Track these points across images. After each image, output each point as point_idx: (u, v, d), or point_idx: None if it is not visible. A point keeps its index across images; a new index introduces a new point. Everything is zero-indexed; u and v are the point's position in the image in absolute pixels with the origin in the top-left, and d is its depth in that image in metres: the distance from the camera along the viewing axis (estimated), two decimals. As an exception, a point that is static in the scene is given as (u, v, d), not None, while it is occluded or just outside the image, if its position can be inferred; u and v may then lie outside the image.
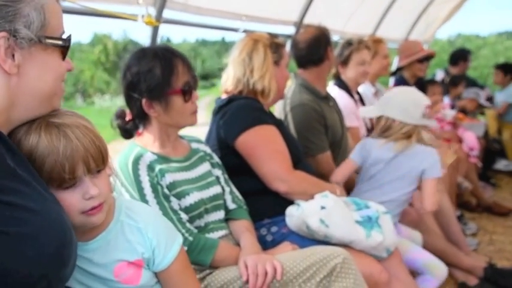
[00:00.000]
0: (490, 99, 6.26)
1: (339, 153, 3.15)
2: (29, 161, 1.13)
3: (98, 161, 1.19)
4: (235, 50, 2.53)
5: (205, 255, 1.87)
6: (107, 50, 30.40)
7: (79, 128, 1.16)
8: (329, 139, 3.05)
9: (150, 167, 1.89)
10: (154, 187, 1.86)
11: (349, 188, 2.81)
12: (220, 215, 2.09)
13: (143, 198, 1.83)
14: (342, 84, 3.64)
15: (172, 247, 1.38)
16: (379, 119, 2.70)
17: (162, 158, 1.96)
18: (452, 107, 5.44)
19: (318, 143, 2.92)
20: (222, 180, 2.19)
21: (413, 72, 4.55)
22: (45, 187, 1.13)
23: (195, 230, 1.91)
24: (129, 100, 1.97)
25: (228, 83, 2.54)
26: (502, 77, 6.60)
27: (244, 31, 3.31)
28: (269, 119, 2.45)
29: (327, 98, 3.21)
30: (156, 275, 1.39)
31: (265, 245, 2.22)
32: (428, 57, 4.49)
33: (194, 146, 2.16)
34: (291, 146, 2.47)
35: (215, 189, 2.09)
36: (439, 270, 2.61)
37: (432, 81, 4.85)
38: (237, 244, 2.03)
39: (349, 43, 3.61)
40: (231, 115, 2.40)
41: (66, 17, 1.25)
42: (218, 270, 1.89)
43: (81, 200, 1.19)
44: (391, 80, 4.99)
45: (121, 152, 1.94)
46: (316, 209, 2.15)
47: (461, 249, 3.30)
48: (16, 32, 1.09)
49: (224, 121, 2.41)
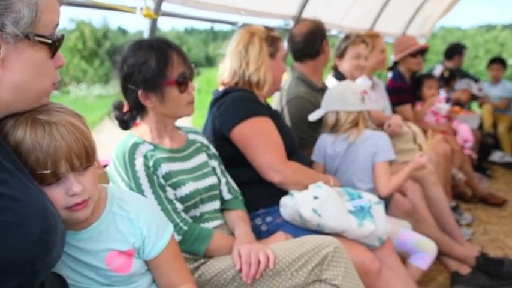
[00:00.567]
0: (481, 90, 6.24)
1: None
2: (14, 153, 1.12)
3: (82, 159, 1.18)
4: (232, 42, 2.52)
5: (200, 245, 1.87)
6: (84, 36, 28.31)
7: (65, 126, 1.15)
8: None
9: (146, 157, 1.88)
10: (150, 177, 1.86)
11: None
12: (215, 205, 2.09)
13: (139, 188, 1.83)
14: (339, 76, 3.63)
15: (163, 236, 1.38)
16: (325, 117, 2.74)
17: (159, 148, 1.96)
18: (448, 100, 5.42)
19: (313, 134, 2.91)
20: (218, 171, 2.18)
21: (408, 66, 4.52)
22: (30, 178, 1.12)
23: (190, 220, 1.91)
24: (126, 91, 1.97)
25: (224, 75, 2.53)
26: (499, 71, 6.56)
27: (243, 25, 3.29)
28: (264, 110, 2.44)
29: (323, 90, 3.19)
30: (146, 263, 1.39)
31: (260, 234, 2.22)
32: (422, 51, 4.47)
33: (191, 137, 2.15)
34: (286, 137, 2.47)
35: (211, 180, 2.08)
36: (430, 246, 2.62)
37: (428, 75, 4.85)
38: (232, 234, 2.03)
39: (347, 37, 3.62)
40: (227, 107, 2.40)
41: (63, 9, 1.23)
42: (212, 260, 1.88)
43: (64, 196, 1.19)
44: (389, 75, 4.97)
45: (118, 143, 1.94)
46: (309, 199, 2.15)
47: (455, 239, 3.29)
48: (2, 27, 1.07)
49: (220, 113, 2.41)
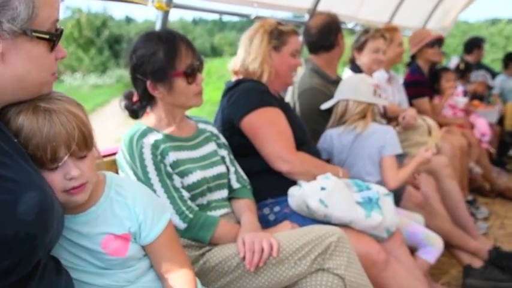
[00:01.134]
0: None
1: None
2: (16, 139, 1.14)
3: (81, 145, 1.21)
4: (245, 33, 2.54)
5: (205, 232, 1.86)
6: (80, 24, 27.45)
7: (64, 114, 1.18)
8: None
9: (154, 146, 1.88)
10: (157, 165, 1.85)
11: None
12: (223, 193, 2.08)
13: (146, 176, 1.83)
14: (356, 69, 3.60)
15: (159, 222, 1.38)
16: (336, 107, 2.75)
17: (167, 137, 1.95)
18: (465, 93, 5.32)
19: (325, 125, 2.87)
20: (227, 160, 2.17)
21: (426, 58, 4.45)
22: (30, 162, 1.14)
23: (196, 208, 1.90)
24: (135, 82, 1.98)
25: (236, 64, 2.55)
26: None
27: (256, 17, 3.26)
28: (274, 101, 2.42)
29: (337, 82, 3.15)
30: (143, 248, 1.40)
31: (268, 224, 2.20)
32: (438, 41, 4.39)
33: (201, 126, 2.15)
34: (296, 128, 2.44)
35: (219, 169, 2.07)
36: (438, 241, 2.59)
37: (445, 69, 4.77)
38: (238, 223, 2.02)
39: (366, 30, 3.59)
40: (238, 97, 2.39)
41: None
42: (217, 247, 1.88)
43: (63, 180, 1.21)
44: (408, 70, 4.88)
45: (127, 131, 1.95)
46: (316, 189, 2.12)
47: (469, 233, 3.22)
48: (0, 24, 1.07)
49: (231, 102, 2.40)
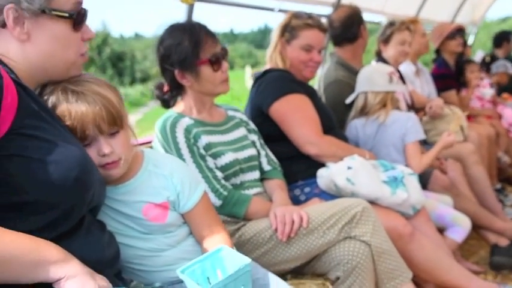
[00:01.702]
0: None
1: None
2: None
3: (110, 123, 1.28)
4: None
5: (239, 208, 1.94)
6: None
7: (92, 95, 1.25)
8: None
9: (187, 130, 1.95)
10: (191, 148, 1.93)
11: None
12: (255, 175, 2.14)
13: (181, 158, 1.90)
14: (383, 61, 3.59)
15: (195, 192, 1.47)
16: (356, 101, 2.81)
17: (199, 122, 2.02)
18: (492, 85, 5.26)
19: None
20: (257, 144, 2.23)
21: (450, 50, 4.43)
22: (67, 130, 1.20)
23: (230, 186, 1.98)
24: (164, 72, 2.04)
25: (267, 55, 2.67)
26: None
27: (280, 10, 3.32)
28: (301, 88, 2.48)
29: (363, 74, 3.20)
30: (182, 216, 1.48)
31: (299, 203, 2.25)
32: (459, 31, 4.38)
33: (230, 113, 2.22)
34: (323, 115, 2.50)
35: (250, 152, 2.14)
36: (466, 222, 2.62)
37: (468, 61, 4.74)
38: (271, 201, 2.08)
39: (391, 23, 3.59)
40: (266, 85, 2.47)
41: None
42: (251, 222, 1.95)
43: (97, 156, 1.29)
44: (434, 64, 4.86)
45: (160, 118, 2.02)
46: (343, 169, 2.18)
47: (497, 216, 3.22)
48: (18, 4, 1.13)
49: (260, 91, 2.48)
